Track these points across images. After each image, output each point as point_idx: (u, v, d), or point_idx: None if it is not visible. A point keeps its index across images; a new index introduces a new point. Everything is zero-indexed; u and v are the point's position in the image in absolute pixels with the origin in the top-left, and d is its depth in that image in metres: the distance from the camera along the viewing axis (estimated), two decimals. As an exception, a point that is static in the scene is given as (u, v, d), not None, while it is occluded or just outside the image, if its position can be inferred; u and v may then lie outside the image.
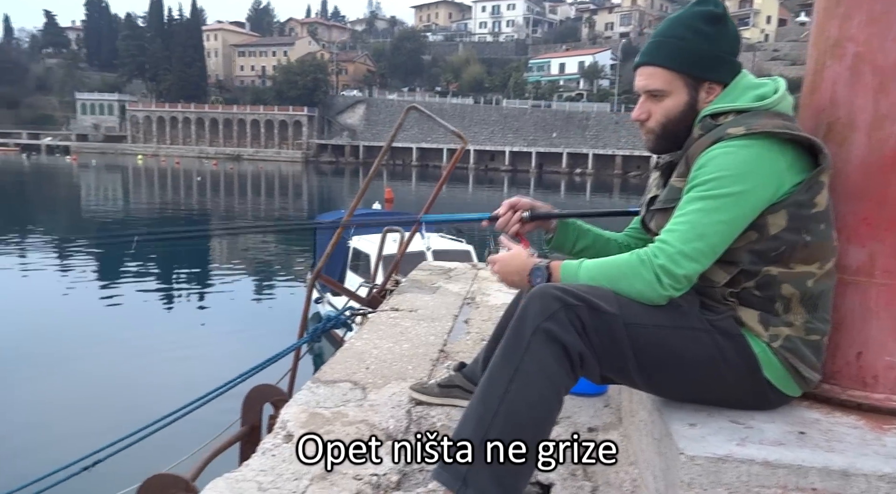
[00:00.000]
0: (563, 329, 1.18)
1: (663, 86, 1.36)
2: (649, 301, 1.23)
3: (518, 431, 1.15)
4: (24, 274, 13.70)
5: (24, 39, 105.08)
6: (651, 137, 1.41)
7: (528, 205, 1.63)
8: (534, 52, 77.74)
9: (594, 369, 1.23)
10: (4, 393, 7.09)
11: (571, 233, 1.65)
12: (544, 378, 1.17)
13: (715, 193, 1.20)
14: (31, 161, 59.91)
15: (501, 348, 1.22)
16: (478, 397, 1.20)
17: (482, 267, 4.27)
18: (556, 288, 1.22)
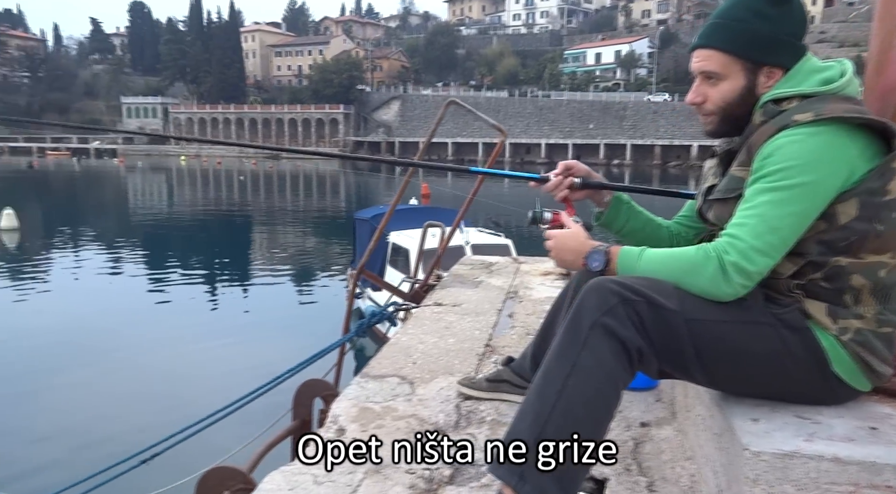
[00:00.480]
0: (621, 324, 1.15)
1: (719, 70, 1.31)
2: (716, 298, 1.18)
3: (576, 427, 1.13)
4: (80, 273, 14.23)
5: (73, 47, 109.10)
6: (711, 120, 1.36)
7: (583, 171, 1.57)
8: (569, 43, 76.76)
9: (652, 364, 1.20)
10: (65, 389, 7.39)
11: (623, 212, 1.59)
12: (602, 373, 1.15)
13: (784, 184, 1.15)
14: (81, 164, 62.12)
15: (557, 343, 1.21)
16: (534, 392, 1.19)
17: (524, 261, 4.24)
18: (614, 281, 1.19)
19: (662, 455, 1.58)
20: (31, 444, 6.03)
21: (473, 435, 1.70)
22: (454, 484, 1.46)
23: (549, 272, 3.87)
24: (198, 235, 20.95)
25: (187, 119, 78.82)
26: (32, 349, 8.61)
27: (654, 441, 1.66)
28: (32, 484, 4.79)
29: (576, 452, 1.13)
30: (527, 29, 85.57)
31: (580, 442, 1.13)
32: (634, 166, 54.65)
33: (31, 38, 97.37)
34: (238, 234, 21.31)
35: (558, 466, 1.11)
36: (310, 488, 1.42)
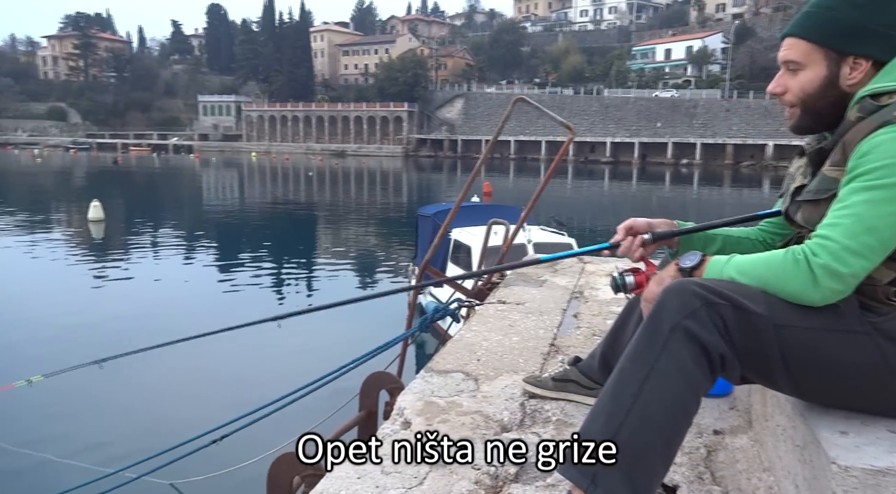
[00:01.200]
0: (704, 328, 1.11)
1: (799, 58, 1.26)
2: (807, 303, 1.12)
3: (651, 432, 1.10)
4: (157, 261, 15.01)
5: (155, 48, 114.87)
6: (793, 113, 1.31)
7: (644, 226, 1.52)
8: (637, 39, 74.78)
9: (735, 371, 1.16)
10: (140, 371, 7.81)
11: (698, 243, 1.53)
12: (681, 378, 1.11)
13: (883, 183, 1.08)
14: (160, 159, 65.42)
15: (634, 344, 1.17)
16: (608, 394, 1.16)
17: (589, 261, 4.17)
18: (697, 283, 1.15)
19: (737, 465, 1.52)
20: (110, 419, 6.42)
21: (539, 434, 1.69)
22: (520, 482, 1.46)
23: (635, 269, 3.79)
24: (266, 228, 21.68)
25: (258, 116, 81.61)
26: (114, 332, 9.14)
27: (728, 449, 1.60)
28: (107, 457, 5.08)
29: (650, 457, 1.10)
30: (594, 25, 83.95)
31: (655, 447, 1.10)
32: (704, 166, 52.73)
33: (118, 40, 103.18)
34: (304, 228, 21.93)
35: (632, 470, 1.09)
36: (377, 478, 1.45)
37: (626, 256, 1.52)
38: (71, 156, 66.81)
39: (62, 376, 8.05)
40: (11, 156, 62.39)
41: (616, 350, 1.67)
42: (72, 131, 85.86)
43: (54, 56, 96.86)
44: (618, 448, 1.09)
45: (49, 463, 4.96)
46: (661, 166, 54.22)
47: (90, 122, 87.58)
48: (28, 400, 6.82)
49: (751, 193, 32.91)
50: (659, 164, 55.25)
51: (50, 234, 19.01)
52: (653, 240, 1.49)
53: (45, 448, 5.22)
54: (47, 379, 2.78)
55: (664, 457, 1.13)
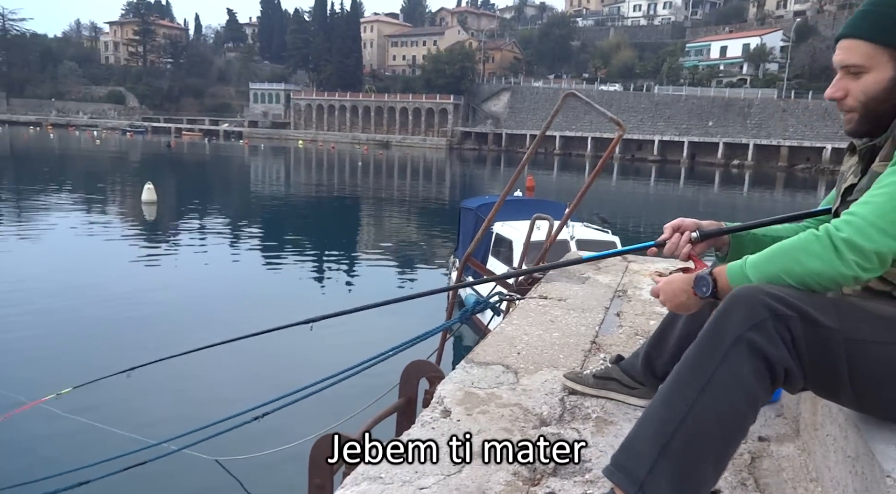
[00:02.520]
0: (770, 341, 1.07)
1: (862, 61, 1.20)
2: (831, 282, 1.07)
3: (704, 443, 1.07)
4: (206, 245, 15.45)
5: (210, 35, 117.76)
6: (851, 118, 1.26)
7: (693, 225, 1.49)
8: (692, 36, 72.77)
9: (797, 384, 1.12)
10: (184, 349, 8.08)
11: (748, 244, 1.49)
12: (740, 391, 1.08)
13: None
14: (211, 145, 67.16)
15: (694, 351, 1.13)
16: (662, 401, 1.13)
17: (633, 260, 4.11)
18: (766, 291, 1.10)
19: (783, 474, 1.49)
20: (154, 394, 6.65)
21: (578, 430, 1.68)
22: (557, 477, 1.45)
23: (660, 273, 3.73)
24: (311, 215, 22.06)
25: (307, 105, 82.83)
26: (163, 313, 9.47)
27: (773, 457, 1.57)
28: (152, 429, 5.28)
29: (701, 467, 1.07)
30: (647, 20, 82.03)
31: (707, 458, 1.08)
32: (756, 167, 51.11)
33: (175, 27, 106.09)
34: (348, 215, 22.22)
35: (681, 480, 1.06)
36: (416, 464, 1.47)
37: (672, 255, 1.49)
38: (127, 138, 69.21)
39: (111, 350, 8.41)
40: (73, 138, 65.01)
41: (661, 350, 1.65)
42: (129, 115, 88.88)
43: (115, 41, 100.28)
44: (668, 457, 1.07)
45: (94, 430, 5.18)
46: (711, 166, 52.80)
47: (146, 106, 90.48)
48: (81, 370, 7.13)
49: (805, 197, 31.75)
50: (708, 164, 53.81)
51: (105, 215, 19.79)
52: (700, 238, 1.46)
53: (90, 415, 5.46)
54: (76, 389, 2.90)
55: (716, 468, 1.10)
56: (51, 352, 7.70)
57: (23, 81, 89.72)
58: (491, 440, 1.59)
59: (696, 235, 1.46)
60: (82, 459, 3.22)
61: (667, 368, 1.55)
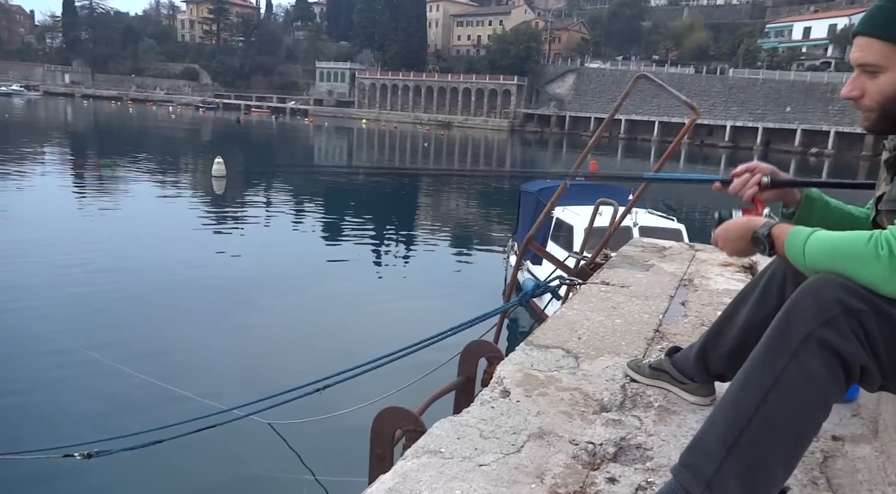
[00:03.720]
0: (842, 337, 1.03)
1: (878, 61, 1.14)
2: (887, 293, 1.03)
3: (774, 443, 1.05)
4: (271, 220, 15.97)
5: (280, 14, 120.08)
6: (869, 117, 1.21)
7: (767, 170, 1.44)
8: (773, 16, 68.95)
9: (875, 381, 1.08)
10: (251, 321, 8.41)
11: (817, 210, 1.45)
12: (811, 389, 1.05)
13: None
14: (277, 122, 68.92)
15: (762, 348, 1.11)
16: (730, 399, 1.11)
17: (701, 249, 3.99)
18: (837, 284, 1.06)
19: (857, 475, 1.43)
20: (224, 364, 6.97)
21: (639, 418, 1.67)
22: (618, 462, 1.45)
23: (729, 263, 3.60)
24: (373, 193, 22.39)
25: (371, 84, 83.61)
26: (230, 285, 9.87)
27: (847, 457, 1.51)
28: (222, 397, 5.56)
29: (771, 466, 1.06)
30: (724, 0, 78.23)
31: (777, 457, 1.05)
32: (836, 156, 48.29)
33: (248, 6, 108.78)
34: (407, 196, 22.43)
35: (750, 480, 1.05)
36: (476, 440, 1.49)
37: (737, 195, 1.45)
38: (200, 115, 71.88)
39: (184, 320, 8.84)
40: (150, 113, 68.05)
41: (720, 342, 1.60)
42: (202, 91, 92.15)
43: (191, 20, 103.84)
44: (736, 456, 1.05)
45: (170, 394, 5.50)
46: (787, 154, 50.22)
47: (218, 84, 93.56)
48: (155, 337, 7.55)
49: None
50: (784, 152, 51.18)
51: (177, 187, 20.70)
52: (771, 184, 1.42)
53: (167, 380, 5.79)
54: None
55: (786, 467, 1.08)
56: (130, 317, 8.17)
57: (106, 58, 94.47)
58: (551, 422, 1.59)
59: (766, 180, 1.42)
60: (158, 420, 3.44)
61: (723, 361, 1.51)
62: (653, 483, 1.35)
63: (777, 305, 1.22)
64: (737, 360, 1.33)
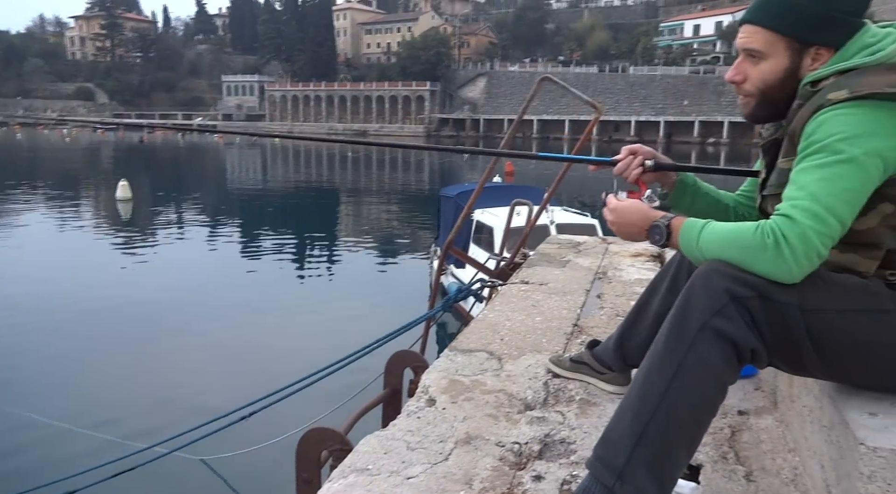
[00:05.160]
0: (733, 324, 1.10)
1: (761, 48, 1.23)
2: (779, 281, 1.10)
3: (678, 430, 1.11)
4: (182, 242, 15.28)
5: (180, 28, 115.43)
6: (748, 102, 1.29)
7: (649, 153, 1.52)
8: (665, 15, 73.07)
9: (763, 361, 1.15)
10: (168, 350, 8.00)
11: (689, 194, 1.55)
12: (709, 376, 1.11)
13: (833, 160, 1.07)
14: (184, 140, 66.11)
15: (661, 341, 1.16)
16: (636, 391, 1.16)
17: (612, 242, 4.15)
18: (725, 274, 1.12)
19: (762, 445, 1.53)
20: (140, 398, 6.59)
21: (562, 413, 1.71)
22: (543, 459, 1.47)
23: (639, 253, 3.77)
24: (288, 209, 21.90)
25: (281, 96, 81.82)
26: (142, 313, 9.36)
27: (752, 430, 1.60)
28: (141, 434, 5.25)
29: (676, 451, 1.11)
30: (620, 1, 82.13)
31: (681, 442, 1.11)
32: (731, 144, 51.68)
33: (143, 20, 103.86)
34: (326, 208, 22.10)
35: (657, 465, 1.10)
36: (403, 453, 1.48)
37: (621, 175, 1.54)
38: (98, 135, 67.86)
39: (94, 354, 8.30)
40: (41, 136, 63.57)
41: (635, 331, 1.67)
42: (99, 111, 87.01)
43: (82, 36, 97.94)
44: (644, 446, 1.10)
45: (84, 438, 5.13)
46: (687, 145, 53.26)
47: (117, 102, 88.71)
48: (63, 375, 7.05)
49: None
50: (685, 143, 54.25)
51: (79, 214, 19.45)
52: (654, 167, 1.51)
53: (80, 423, 5.40)
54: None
55: (689, 450, 1.14)
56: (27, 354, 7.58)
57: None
58: (477, 426, 1.60)
59: (650, 163, 1.51)
60: (71, 467, 3.20)
61: (640, 351, 1.58)
62: (577, 476, 1.39)
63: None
64: None
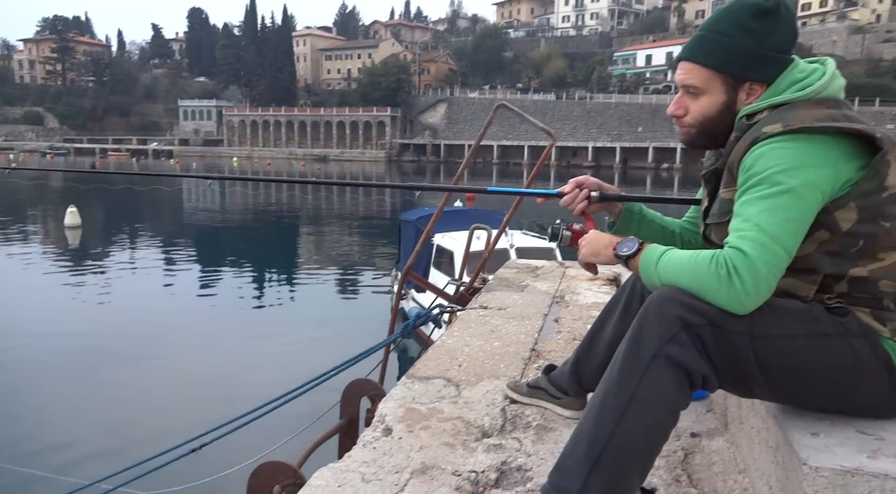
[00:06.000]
0: (685, 352, 1.12)
1: (700, 84, 1.29)
2: (732, 311, 1.13)
3: (632, 456, 1.13)
4: (136, 270, 14.81)
5: (135, 52, 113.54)
6: (688, 133, 1.36)
7: (594, 185, 1.56)
8: (619, 45, 75.56)
9: (713, 385, 1.18)
10: (116, 381, 7.70)
11: (634, 222, 1.59)
12: (662, 403, 1.13)
13: (774, 191, 1.11)
14: (139, 165, 64.64)
15: (616, 368, 1.18)
16: (592, 418, 1.17)
17: (570, 266, 4.20)
18: (676, 301, 1.15)
19: (713, 467, 1.55)
20: (87, 432, 6.30)
21: (519, 439, 1.70)
22: (500, 488, 1.46)
23: (595, 277, 3.83)
24: (247, 235, 21.52)
25: (240, 121, 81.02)
26: (90, 343, 9.00)
27: (704, 452, 1.63)
28: (86, 470, 5.01)
29: (630, 476, 1.14)
30: (576, 31, 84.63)
31: (635, 467, 1.14)
32: (684, 169, 53.36)
33: (97, 44, 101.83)
34: (286, 233, 21.80)
35: (612, 490, 1.12)
36: (358, 486, 1.45)
37: (568, 208, 1.57)
38: (48, 161, 65.77)
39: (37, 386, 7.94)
40: (-14, 162, 61.23)
41: (590, 355, 1.69)
42: (49, 136, 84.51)
43: (31, 60, 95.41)
44: (599, 472, 1.12)
45: (27, 477, 4.87)
46: (642, 170, 54.76)
47: (68, 127, 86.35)
48: (5, 411, 6.69)
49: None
50: (640, 168, 55.78)
51: (25, 241, 18.69)
52: (599, 198, 1.54)
53: (22, 461, 5.12)
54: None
55: (641, 474, 1.16)
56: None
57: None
58: (433, 455, 1.58)
59: (595, 195, 1.54)
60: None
61: (595, 375, 1.60)
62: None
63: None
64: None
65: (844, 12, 60.97)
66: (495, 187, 1.96)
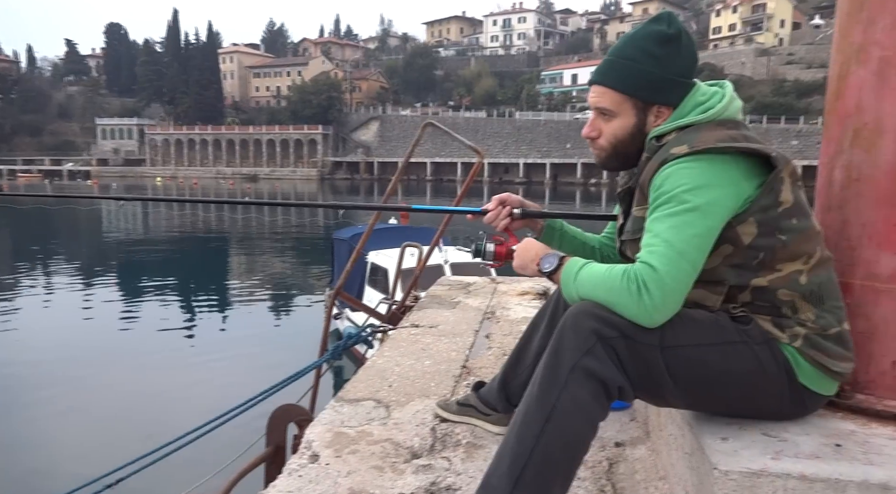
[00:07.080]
0: (601, 364, 1.16)
1: (611, 107, 1.36)
2: (643, 324, 1.18)
3: (554, 470, 1.14)
4: (51, 297, 13.92)
5: (47, 68, 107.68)
6: (601, 154, 1.43)
7: (517, 202, 1.62)
8: (546, 64, 77.99)
9: (630, 396, 1.22)
10: (28, 412, 7.18)
11: (556, 239, 1.65)
12: (581, 416, 1.16)
13: (681, 209, 1.17)
14: (53, 186, 61.05)
15: (536, 384, 1.20)
16: (514, 433, 1.18)
17: (501, 281, 4.26)
18: (592, 315, 1.18)
19: (636, 475, 1.59)
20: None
21: (448, 459, 1.69)
22: (428, 510, 1.45)
23: (526, 292, 3.89)
24: (172, 257, 20.67)
25: (163, 140, 78.10)
26: (2, 373, 8.37)
27: (628, 460, 1.67)
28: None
29: (552, 490, 1.15)
30: (504, 50, 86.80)
31: (556, 480, 1.15)
32: (611, 185, 55.36)
33: (4, 60, 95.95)
34: (214, 255, 21.08)
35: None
36: (281, 517, 1.40)
37: (490, 225, 1.61)
38: (-52, 183, 61.17)
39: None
40: None
41: (517, 370, 1.71)
42: (-50, 157, 78.65)
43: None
44: (522, 488, 1.13)
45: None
46: (572, 185, 56.41)
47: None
48: None
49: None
50: (569, 184, 57.43)
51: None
52: (521, 215, 1.60)
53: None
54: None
55: (564, 486, 1.17)
56: None
57: None
58: (361, 480, 1.55)
59: (518, 212, 1.60)
60: None
61: (522, 390, 1.61)
62: (461, 523, 1.37)
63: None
64: None
65: (751, 36, 65.36)
66: (419, 205, 1.97)
